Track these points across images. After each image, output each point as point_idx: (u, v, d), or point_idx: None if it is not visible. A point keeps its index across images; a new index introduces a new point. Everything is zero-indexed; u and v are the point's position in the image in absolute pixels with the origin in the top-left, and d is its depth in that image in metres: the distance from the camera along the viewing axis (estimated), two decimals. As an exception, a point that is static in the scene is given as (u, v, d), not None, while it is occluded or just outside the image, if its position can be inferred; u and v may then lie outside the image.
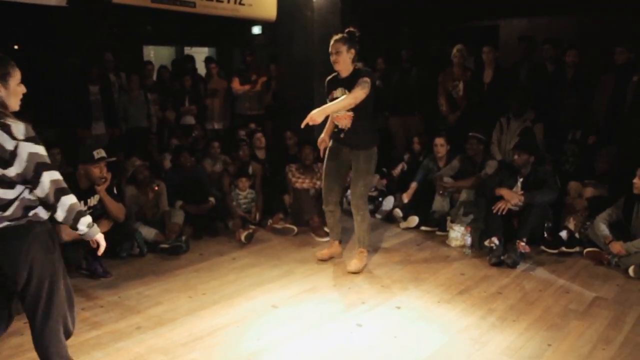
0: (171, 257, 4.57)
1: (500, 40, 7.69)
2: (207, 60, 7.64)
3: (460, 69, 6.25)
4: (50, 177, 2.32)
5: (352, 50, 3.96)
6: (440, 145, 5.54)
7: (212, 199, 5.34)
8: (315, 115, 3.72)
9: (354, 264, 4.24)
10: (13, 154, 2.25)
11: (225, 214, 5.34)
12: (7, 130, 2.24)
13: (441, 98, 6.37)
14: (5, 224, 2.35)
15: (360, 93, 3.82)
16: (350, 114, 4.02)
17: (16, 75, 2.37)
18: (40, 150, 2.32)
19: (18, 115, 2.37)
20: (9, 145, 2.25)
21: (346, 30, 4.00)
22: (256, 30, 10.21)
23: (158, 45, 10.85)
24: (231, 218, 5.26)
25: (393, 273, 4.22)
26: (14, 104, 2.38)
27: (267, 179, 5.87)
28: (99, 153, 3.92)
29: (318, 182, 5.25)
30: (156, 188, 4.85)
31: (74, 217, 2.42)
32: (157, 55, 10.68)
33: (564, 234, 4.62)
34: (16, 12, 5.71)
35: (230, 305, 3.64)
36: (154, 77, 7.19)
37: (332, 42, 3.97)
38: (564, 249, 4.55)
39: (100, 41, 7.72)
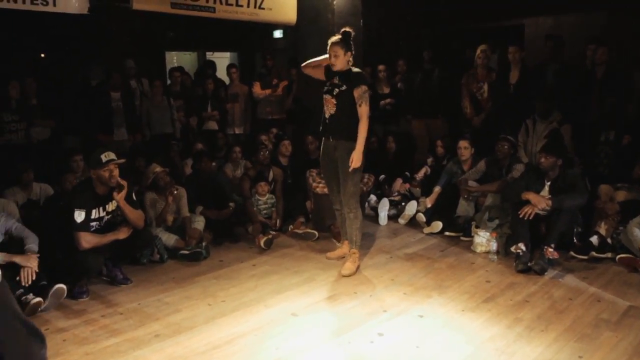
0: (191, 264, 4.54)
1: (525, 39, 7.49)
2: (229, 66, 7.65)
3: (485, 70, 6.11)
4: None
5: (349, 53, 4.10)
6: (465, 148, 5.42)
7: (232, 204, 5.31)
8: (358, 160, 4.04)
9: (347, 267, 4.23)
10: None
11: (245, 219, 5.30)
12: None
13: (465, 100, 6.23)
14: None
15: (365, 110, 4.07)
16: (334, 103, 4.15)
17: None
18: None
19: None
20: None
21: (342, 31, 4.11)
22: (277, 34, 10.21)
23: (180, 51, 10.93)
24: (251, 223, 5.22)
25: (416, 280, 4.11)
26: None
27: (288, 184, 5.81)
28: (107, 156, 3.88)
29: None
30: (175, 192, 4.83)
31: None
32: (179, 61, 10.76)
33: (594, 239, 4.45)
34: (40, 20, 5.79)
35: (249, 313, 3.59)
36: (179, 84, 7.21)
37: (330, 44, 4.10)
38: (594, 254, 4.38)
39: (122, 48, 7.80)
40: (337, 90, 4.15)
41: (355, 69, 4.19)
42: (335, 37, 4.10)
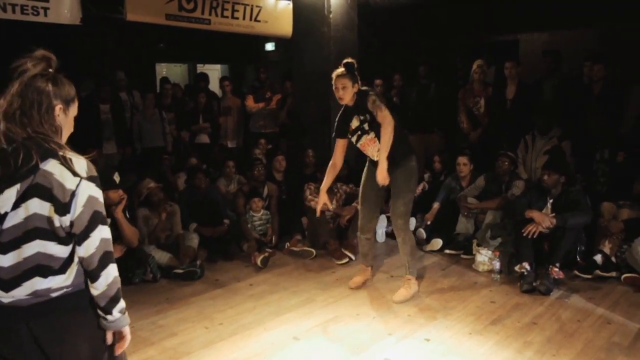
0: (186, 283, 4.37)
1: (520, 54, 7.48)
2: (222, 79, 7.53)
3: (481, 85, 6.07)
4: (101, 234, 1.69)
5: (356, 85, 3.83)
6: (464, 164, 5.34)
7: (226, 221, 5.16)
8: (384, 176, 3.69)
9: (400, 293, 3.98)
10: (73, 196, 1.64)
11: (239, 236, 5.15)
12: (69, 165, 1.65)
13: (461, 115, 6.18)
14: (62, 292, 1.71)
15: (386, 114, 3.67)
16: (373, 138, 3.86)
17: (76, 105, 1.83)
18: (100, 196, 1.72)
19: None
20: (70, 183, 1.64)
21: (344, 62, 3.82)
22: (269, 46, 10.13)
23: (170, 62, 10.80)
24: (246, 241, 5.06)
25: (419, 301, 3.99)
26: (65, 137, 1.80)
27: (283, 199, 5.68)
28: (118, 177, 3.79)
29: (335, 205, 5.07)
30: (169, 208, 4.69)
31: (112, 297, 1.75)
32: (169, 73, 10.62)
33: (598, 258, 4.38)
34: (28, 30, 5.62)
35: (248, 336, 3.43)
36: (170, 97, 7.06)
37: (335, 77, 3.81)
38: (599, 272, 4.30)
39: (112, 59, 7.65)
40: (366, 125, 3.86)
41: (360, 89, 3.86)
42: (340, 70, 3.81)
